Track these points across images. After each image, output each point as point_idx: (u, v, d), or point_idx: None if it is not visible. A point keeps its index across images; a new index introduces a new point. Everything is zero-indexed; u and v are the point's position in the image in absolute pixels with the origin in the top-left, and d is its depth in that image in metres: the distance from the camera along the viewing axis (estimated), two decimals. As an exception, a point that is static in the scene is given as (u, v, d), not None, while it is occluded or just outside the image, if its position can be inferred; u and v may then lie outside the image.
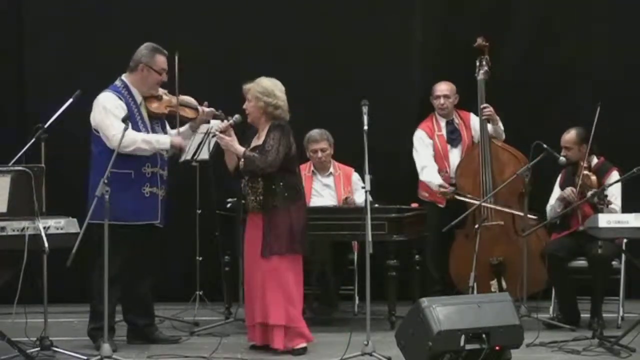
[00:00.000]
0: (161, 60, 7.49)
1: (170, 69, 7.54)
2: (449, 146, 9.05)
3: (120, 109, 7.31)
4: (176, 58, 7.51)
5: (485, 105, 8.96)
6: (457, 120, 9.12)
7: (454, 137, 9.08)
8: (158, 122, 7.60)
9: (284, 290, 7.22)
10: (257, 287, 7.25)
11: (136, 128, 7.36)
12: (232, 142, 7.30)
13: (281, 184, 7.26)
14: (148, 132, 7.46)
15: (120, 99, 7.37)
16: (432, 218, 8.81)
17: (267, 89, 7.31)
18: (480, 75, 9.04)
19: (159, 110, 7.55)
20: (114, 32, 9.34)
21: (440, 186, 8.84)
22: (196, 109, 7.64)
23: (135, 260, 7.41)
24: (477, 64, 9.07)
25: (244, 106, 7.37)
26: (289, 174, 7.34)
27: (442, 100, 9.02)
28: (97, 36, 9.36)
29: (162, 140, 7.44)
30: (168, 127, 7.71)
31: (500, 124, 9.01)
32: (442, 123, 9.08)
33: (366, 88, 9.05)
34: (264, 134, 7.32)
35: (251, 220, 7.37)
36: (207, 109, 7.65)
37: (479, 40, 9.13)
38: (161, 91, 7.59)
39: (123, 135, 6.99)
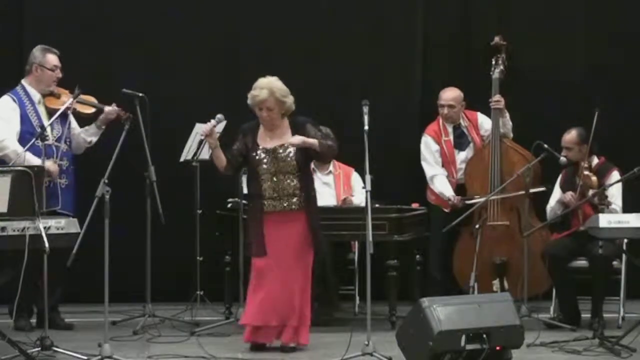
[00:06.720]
0: (52, 59, 8.03)
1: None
2: (455, 151, 8.95)
3: (12, 112, 7.83)
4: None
5: (498, 96, 8.87)
6: (464, 124, 9.00)
7: (461, 141, 8.97)
8: (58, 119, 7.91)
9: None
10: (292, 287, 7.21)
11: (31, 125, 7.81)
12: (307, 139, 7.18)
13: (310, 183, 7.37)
14: (44, 127, 7.72)
15: (14, 101, 7.90)
16: (437, 221, 8.80)
17: (284, 89, 7.27)
18: (496, 74, 8.95)
19: (55, 106, 7.96)
20: (114, 32, 9.34)
21: (449, 199, 8.78)
22: (96, 107, 8.08)
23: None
24: (493, 62, 8.98)
25: (264, 115, 7.22)
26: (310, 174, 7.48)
27: (446, 110, 8.88)
28: (97, 36, 9.34)
29: (33, 161, 7.54)
30: (75, 124, 8.12)
31: (508, 118, 8.91)
32: (449, 128, 8.96)
33: (366, 88, 9.05)
34: (285, 132, 7.28)
35: (276, 220, 7.26)
36: (110, 108, 8.05)
37: (497, 39, 9.05)
38: (62, 91, 8.06)
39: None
